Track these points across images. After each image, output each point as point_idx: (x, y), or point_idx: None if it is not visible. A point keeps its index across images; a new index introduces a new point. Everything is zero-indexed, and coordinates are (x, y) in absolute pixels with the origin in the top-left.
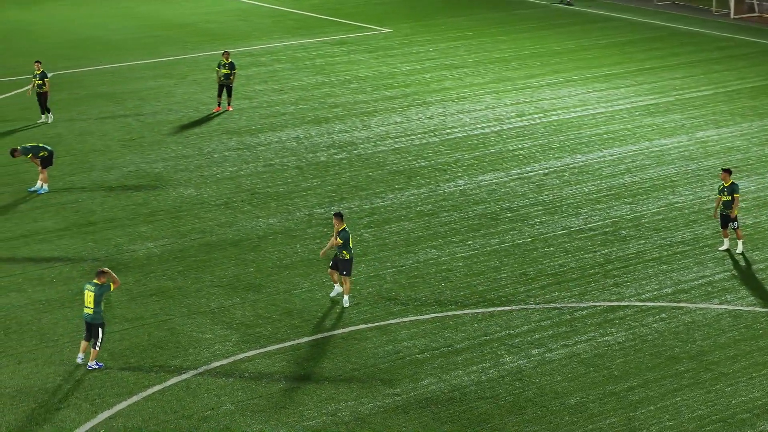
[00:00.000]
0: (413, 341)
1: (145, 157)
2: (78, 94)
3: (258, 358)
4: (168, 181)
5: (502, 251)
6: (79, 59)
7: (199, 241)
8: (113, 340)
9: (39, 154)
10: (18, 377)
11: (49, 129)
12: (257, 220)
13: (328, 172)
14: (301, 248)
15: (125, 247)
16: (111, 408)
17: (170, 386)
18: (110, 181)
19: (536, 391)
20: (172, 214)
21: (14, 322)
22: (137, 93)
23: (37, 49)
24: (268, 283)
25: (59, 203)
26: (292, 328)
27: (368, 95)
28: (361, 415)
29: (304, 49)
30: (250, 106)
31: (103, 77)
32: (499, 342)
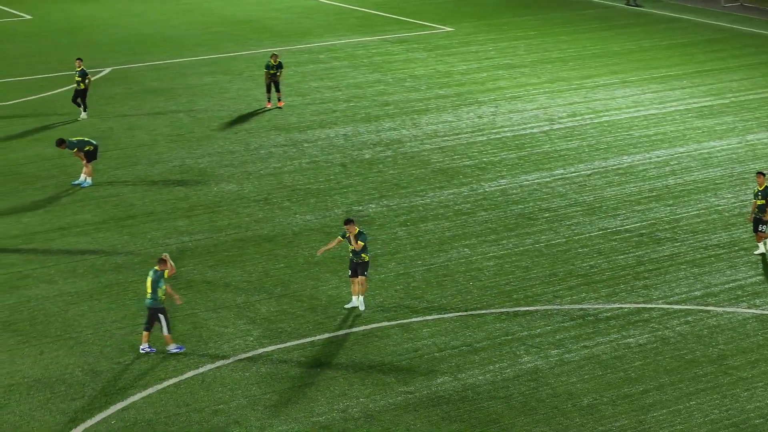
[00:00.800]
0: (433, 339)
1: (191, 152)
2: (132, 89)
3: (277, 354)
4: (211, 176)
5: (535, 251)
6: (139, 54)
7: (234, 237)
8: (137, 332)
9: (84, 148)
10: (38, 367)
11: (101, 123)
12: (294, 216)
13: (371, 170)
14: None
15: (160, 240)
16: (125, 400)
17: (186, 379)
18: (153, 175)
19: (550, 391)
20: (211, 209)
21: (41, 313)
22: (191, 89)
23: (99, 44)
24: (296, 279)
25: (100, 196)
26: (315, 324)
27: (421, 94)
28: (371, 412)
29: (363, 47)
30: (302, 103)
31: (160, 73)
32: (519, 342)
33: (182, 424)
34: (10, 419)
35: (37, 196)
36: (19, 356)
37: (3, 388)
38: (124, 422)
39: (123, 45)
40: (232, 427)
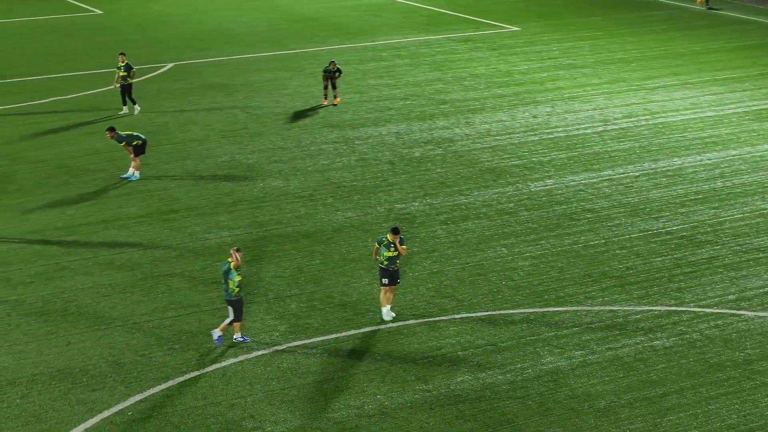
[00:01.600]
0: (458, 338)
1: (242, 148)
2: (193, 84)
3: (300, 349)
4: (258, 172)
5: (572, 252)
6: (203, 50)
7: (274, 232)
8: (164, 325)
9: (132, 142)
10: (63, 358)
11: (157, 117)
12: (336, 213)
13: (419, 168)
14: (372, 243)
15: (199, 235)
16: (144, 392)
17: (207, 373)
18: (202, 170)
19: (568, 392)
20: (254, 205)
21: (73, 305)
22: (250, 85)
23: (165, 39)
24: (329, 275)
25: (147, 190)
26: (342, 321)
27: (479, 93)
28: (387, 410)
29: (427, 46)
30: (359, 100)
31: (221, 68)
32: (544, 342)
33: (197, 417)
34: (30, 408)
35: (85, 188)
36: (47, 346)
37: (27, 378)
38: (141, 414)
39: (188, 41)
40: (246, 421)
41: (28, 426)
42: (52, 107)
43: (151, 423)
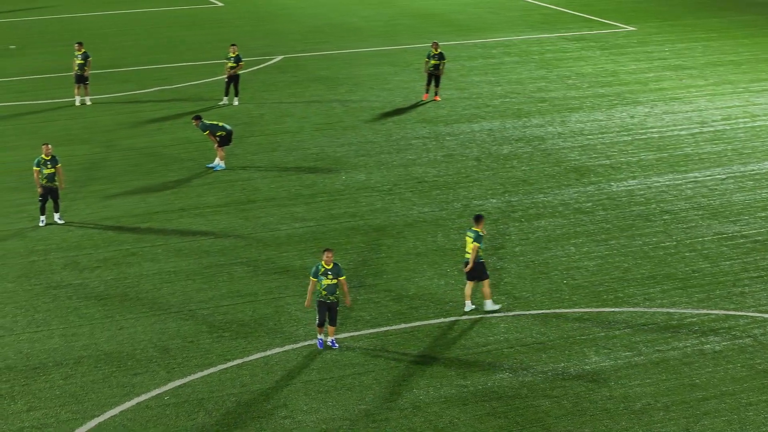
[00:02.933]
0: (507, 335)
1: (332, 141)
2: (298, 77)
3: (347, 341)
4: (344, 165)
5: (640, 253)
6: (316, 44)
7: (346, 225)
8: (219, 313)
9: (217, 133)
10: (113, 342)
11: (255, 109)
12: (412, 208)
13: (504, 165)
14: (441, 238)
15: (272, 225)
16: (185, 377)
17: (251, 361)
18: (288, 162)
19: (606, 393)
20: (332, 197)
21: (134, 290)
22: (353, 78)
23: (281, 32)
24: (392, 269)
25: (230, 180)
26: (395, 315)
27: (581, 92)
28: (420, 404)
29: (538, 44)
30: (459, 97)
31: (329, 62)
32: (592, 343)
33: (231, 404)
34: (70, 389)
35: (170, 177)
36: (99, 330)
37: (74, 360)
38: (177, 398)
39: (304, 34)
40: (278, 410)
41: (65, 407)
42: (155, 97)
43: (184, 408)
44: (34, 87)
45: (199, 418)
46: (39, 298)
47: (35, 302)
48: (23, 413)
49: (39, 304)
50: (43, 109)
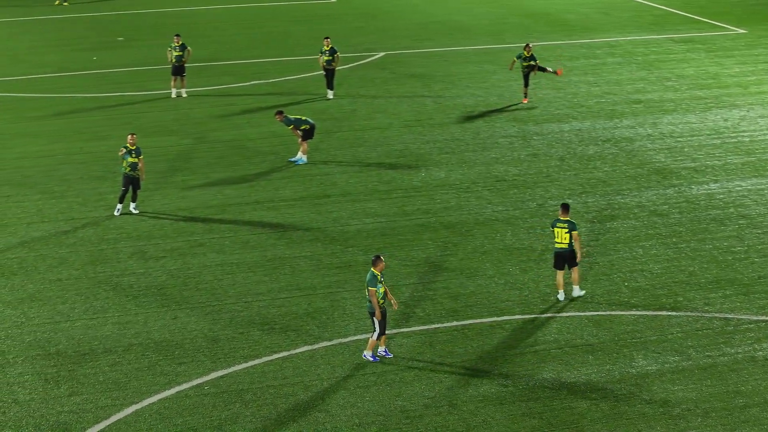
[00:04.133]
0: (557, 336)
1: (418, 138)
2: (396, 73)
3: (397, 337)
4: (426, 162)
5: (708, 257)
6: (420, 41)
7: (417, 222)
8: (274, 305)
9: (300, 126)
10: (165, 331)
11: (348, 104)
12: (486, 206)
13: (587, 166)
14: (510, 237)
15: (342, 221)
16: (228, 368)
17: (296, 354)
18: (371, 158)
19: (646, 397)
20: (407, 194)
21: (194, 281)
22: (451, 76)
23: (389, 29)
24: (454, 267)
25: (309, 174)
26: (449, 312)
27: (678, 93)
28: (457, 401)
29: (644, 45)
30: (554, 96)
31: (429, 59)
32: (642, 346)
33: (269, 396)
34: (114, 377)
35: (251, 170)
36: (154, 319)
37: (123, 347)
38: (217, 388)
39: (411, 31)
40: (315, 403)
41: (106, 393)
42: (250, 90)
43: (222, 398)
44: (133, 79)
45: (235, 409)
46: (100, 286)
47: (96, 290)
48: (64, 398)
49: (99, 292)
50: (138, 100)
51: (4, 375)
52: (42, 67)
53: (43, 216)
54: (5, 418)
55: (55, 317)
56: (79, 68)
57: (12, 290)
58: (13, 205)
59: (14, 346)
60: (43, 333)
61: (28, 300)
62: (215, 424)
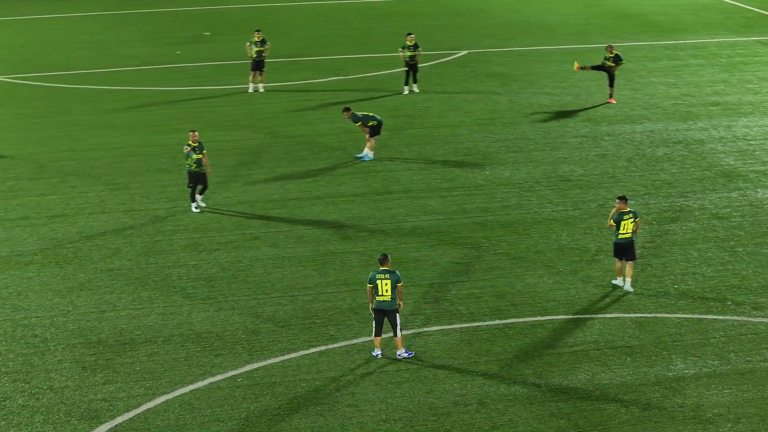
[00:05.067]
0: (598, 337)
1: (488, 136)
2: (475, 72)
3: (438, 334)
4: (492, 161)
5: (764, 261)
6: (504, 40)
7: (474, 220)
8: (319, 300)
9: (368, 123)
10: (207, 323)
11: (423, 101)
12: (546, 206)
13: (654, 167)
14: (565, 237)
15: (399, 218)
16: (264, 360)
17: (334, 348)
18: (437, 155)
19: (679, 401)
20: (469, 192)
21: (244, 273)
22: (530, 76)
23: (475, 27)
24: (505, 265)
25: (374, 171)
26: (492, 311)
27: (758, 96)
28: (486, 400)
29: (730, 47)
30: (631, 97)
31: (511, 58)
32: (683, 349)
33: (301, 389)
34: (150, 366)
35: (317, 165)
36: (198, 310)
37: (163, 338)
38: (250, 381)
39: (496, 29)
40: (344, 398)
41: (140, 382)
42: (328, 86)
43: (253, 390)
44: (212, 73)
45: (264, 401)
46: (150, 277)
47: (145, 280)
48: (99, 386)
49: (148, 282)
50: (215, 95)
51: (43, 362)
52: (128, 60)
53: (104, 207)
54: (38, 404)
55: (102, 306)
56: (163, 62)
57: (64, 279)
58: (78, 195)
59: (57, 334)
60: (88, 322)
61: (77, 289)
62: (242, 416)
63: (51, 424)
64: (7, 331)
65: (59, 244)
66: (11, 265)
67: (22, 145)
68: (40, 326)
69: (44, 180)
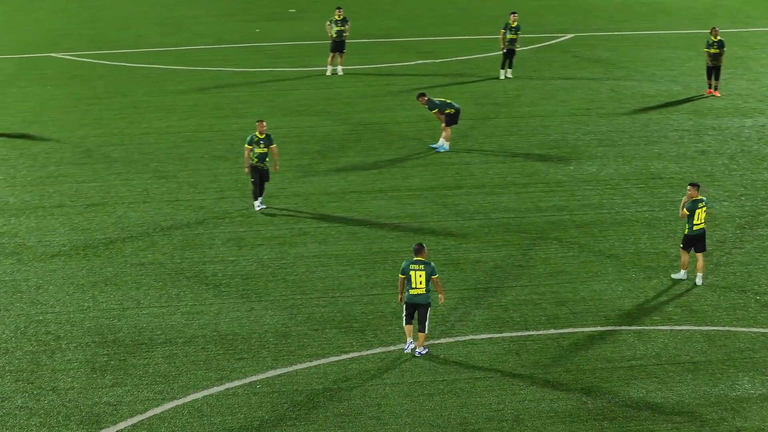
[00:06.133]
0: (661, 351)
1: (580, 128)
2: (579, 57)
3: (483, 343)
4: (579, 154)
5: None
6: (619, 23)
7: (547, 219)
8: (361, 302)
9: (445, 110)
10: (235, 324)
11: (515, 88)
12: (630, 205)
13: (757, 166)
14: (645, 240)
15: (467, 215)
16: (288, 366)
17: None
18: (521, 147)
19: (737, 424)
20: (547, 188)
21: (284, 271)
22: (638, 62)
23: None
24: (574, 269)
25: (447, 163)
26: (549, 319)
27: None
28: (524, 416)
29: None
30: (746, 88)
31: (619, 43)
32: (753, 367)
33: (322, 399)
34: (164, 369)
35: (386, 155)
36: (228, 310)
37: (185, 339)
38: (269, 388)
39: (609, 12)
40: (369, 409)
41: (152, 386)
42: (415, 70)
43: (271, 398)
44: (291, 53)
45: (281, 410)
46: (183, 273)
47: (177, 276)
48: (106, 388)
49: (179, 279)
50: (290, 77)
51: (51, 361)
52: (201, 38)
53: (147, 196)
54: (38, 406)
55: (125, 303)
56: (239, 40)
57: (89, 273)
58: (120, 183)
59: (71, 332)
60: (106, 319)
61: (101, 283)
62: (254, 425)
63: (47, 427)
64: (19, 327)
65: (92, 235)
66: (36, 257)
67: (73, 127)
68: (54, 322)
69: (88, 166)
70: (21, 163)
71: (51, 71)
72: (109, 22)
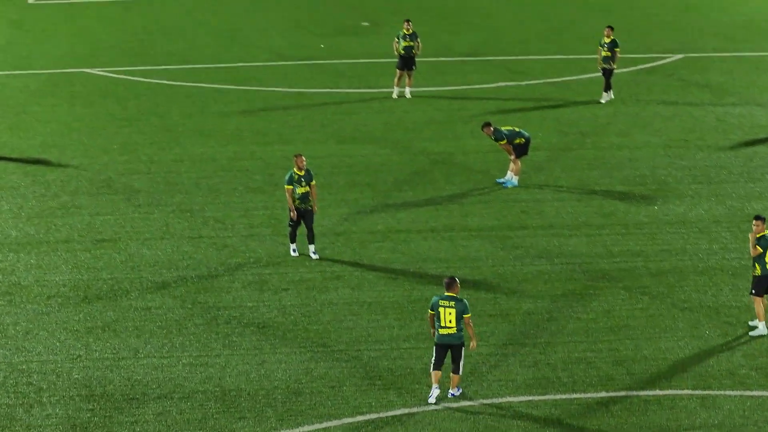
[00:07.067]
0: (724, 419)
1: (673, 161)
2: (685, 81)
3: (520, 406)
4: (667, 192)
5: None
6: (739, 42)
7: (619, 266)
8: (389, 357)
9: (514, 140)
10: (242, 378)
11: (605, 115)
12: (717, 252)
13: None
14: (727, 293)
15: (527, 260)
16: (293, 428)
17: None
18: (602, 183)
19: None
20: (625, 230)
21: (308, 320)
22: (754, 87)
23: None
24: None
25: (514, 200)
26: (601, 380)
27: None
28: None
29: None
30: None
31: (738, 65)
32: None
33: None
34: (151, 429)
35: (446, 190)
36: (237, 363)
37: (182, 394)
38: None
39: (728, 29)
40: None
41: None
42: (494, 93)
43: None
44: (357, 72)
45: None
46: (191, 319)
47: (185, 323)
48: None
49: (188, 326)
50: (351, 99)
51: (27, 416)
52: (259, 52)
53: (165, 232)
54: None
55: (121, 352)
56: (301, 57)
57: (87, 317)
58: (139, 216)
59: (56, 383)
60: (98, 370)
61: (98, 330)
62: None
63: None
64: None
65: (97, 274)
66: (30, 298)
67: (96, 153)
68: (39, 372)
69: (105, 196)
70: (31, 192)
71: (81, 89)
72: (159, 33)
